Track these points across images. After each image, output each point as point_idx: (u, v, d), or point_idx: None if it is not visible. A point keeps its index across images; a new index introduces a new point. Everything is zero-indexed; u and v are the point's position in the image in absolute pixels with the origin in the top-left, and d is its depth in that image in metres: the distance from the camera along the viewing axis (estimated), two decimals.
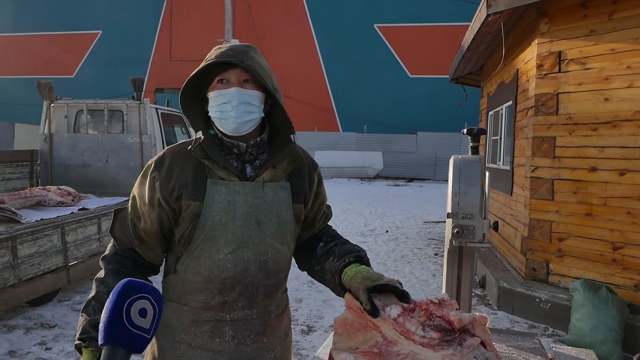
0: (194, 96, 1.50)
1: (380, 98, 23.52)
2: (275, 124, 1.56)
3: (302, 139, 21.40)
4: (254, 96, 1.45)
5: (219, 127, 1.48)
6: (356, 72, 23.88)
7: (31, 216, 4.84)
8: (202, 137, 1.47)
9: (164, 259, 1.58)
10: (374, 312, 1.23)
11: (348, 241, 1.61)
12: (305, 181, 1.59)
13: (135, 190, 1.52)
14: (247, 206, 1.45)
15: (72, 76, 26.67)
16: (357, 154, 21.21)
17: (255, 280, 1.47)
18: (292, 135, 1.54)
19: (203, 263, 1.45)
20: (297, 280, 5.93)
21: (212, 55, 1.44)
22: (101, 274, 1.44)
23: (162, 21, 25.92)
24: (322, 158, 20.78)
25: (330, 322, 4.66)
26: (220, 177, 1.45)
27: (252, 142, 1.49)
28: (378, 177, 20.93)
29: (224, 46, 1.46)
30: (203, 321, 1.47)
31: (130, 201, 1.52)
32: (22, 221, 4.59)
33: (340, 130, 23.93)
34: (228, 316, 1.47)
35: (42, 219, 4.78)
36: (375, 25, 23.81)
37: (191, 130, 8.27)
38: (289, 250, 1.56)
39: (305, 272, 1.66)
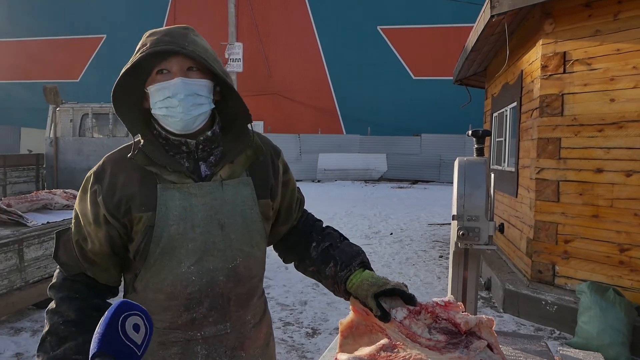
0: (128, 93, 1.31)
1: (384, 100, 23.49)
2: (229, 112, 1.39)
3: (305, 141, 21.40)
4: (202, 85, 1.28)
5: (164, 125, 1.30)
6: (359, 74, 23.87)
7: (37, 220, 4.86)
8: (142, 141, 1.31)
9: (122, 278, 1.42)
10: (385, 317, 1.22)
11: (340, 238, 1.52)
12: (269, 173, 1.43)
13: (77, 207, 1.33)
14: (206, 210, 1.30)
15: (77, 80, 26.79)
16: (360, 156, 21.19)
17: (225, 290, 1.33)
18: (249, 125, 1.38)
19: (164, 279, 1.29)
20: (302, 282, 5.93)
21: (145, 43, 1.24)
22: (52, 305, 1.27)
23: (165, 25, 26.02)
24: (326, 160, 20.77)
25: (335, 324, 4.65)
26: (171, 181, 1.28)
27: (202, 138, 1.32)
28: (382, 179, 20.90)
29: (159, 31, 1.28)
30: (171, 342, 1.32)
31: (73, 220, 1.34)
32: (28, 224, 4.61)
33: (344, 132, 23.92)
34: (199, 334, 1.33)
35: (48, 222, 4.79)
36: (378, 27, 23.81)
37: None
38: (261, 252, 1.42)
39: (300, 271, 1.58)
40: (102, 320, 0.89)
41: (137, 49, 1.25)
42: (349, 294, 1.37)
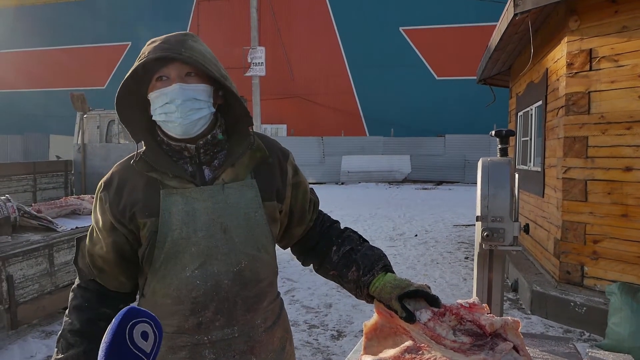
0: (132, 101, 1.34)
1: (407, 101, 23.38)
2: (232, 116, 1.41)
3: (328, 143, 21.41)
4: (200, 90, 1.29)
5: (166, 131, 1.33)
6: (382, 76, 23.80)
7: (66, 225, 4.98)
8: (144, 148, 1.34)
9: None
10: (411, 318, 1.22)
11: (360, 240, 1.51)
12: (275, 175, 1.43)
13: (92, 217, 1.39)
14: (208, 213, 1.30)
15: (104, 87, 27.33)
16: (384, 158, 21.11)
17: (231, 294, 1.32)
18: (250, 127, 1.39)
19: (170, 283, 1.30)
20: (327, 285, 5.93)
21: (145, 51, 1.27)
22: (67, 310, 1.36)
23: (189, 30, 26.35)
24: (349, 162, 20.74)
25: (360, 327, 4.64)
26: (174, 186, 1.30)
27: (201, 142, 1.33)
28: (406, 180, 20.78)
29: (158, 39, 1.30)
30: (179, 347, 1.32)
31: (89, 229, 1.40)
32: (58, 230, 4.72)
33: (367, 134, 23.87)
34: (206, 338, 1.32)
35: (77, 227, 4.90)
36: (400, 28, 23.72)
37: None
38: (269, 255, 1.41)
39: (319, 274, 1.57)
40: (109, 329, 0.86)
41: (137, 58, 1.29)
42: (371, 297, 1.37)
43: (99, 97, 22.64)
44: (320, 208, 1.63)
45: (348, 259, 1.44)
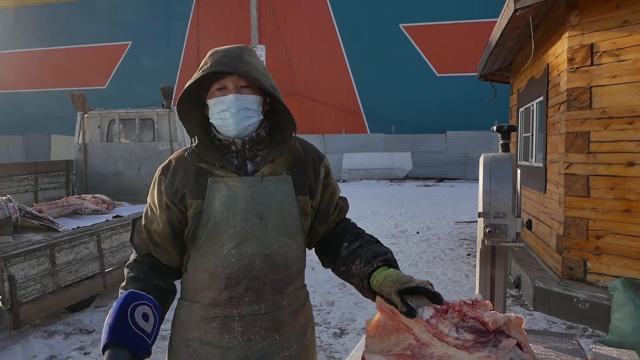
0: (192, 102, 1.55)
1: (408, 98, 23.34)
2: (278, 122, 1.59)
3: (330, 141, 21.39)
4: (252, 101, 1.49)
5: (221, 132, 1.54)
6: (383, 73, 23.77)
7: (68, 224, 4.98)
8: (196, 142, 1.52)
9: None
10: (411, 312, 1.22)
11: (372, 240, 1.58)
12: (309, 173, 1.59)
13: (148, 198, 1.59)
14: (247, 200, 1.48)
15: (104, 87, 27.34)
16: (385, 155, 21.08)
17: (261, 274, 1.48)
18: (293, 133, 1.57)
19: (209, 260, 1.48)
20: (329, 282, 5.93)
21: (207, 62, 1.48)
22: (124, 282, 1.51)
23: (189, 30, 26.34)
24: (351, 160, 20.73)
25: (362, 324, 4.64)
26: (220, 175, 1.49)
27: (247, 139, 1.52)
28: (407, 177, 20.76)
29: (219, 51, 1.50)
30: (212, 317, 1.49)
31: (145, 208, 1.60)
32: (59, 230, 4.72)
33: (368, 131, 23.84)
34: (236, 312, 1.48)
35: (78, 227, 4.90)
36: (400, 25, 23.67)
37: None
38: (298, 244, 1.56)
39: (335, 274, 1.64)
40: (111, 311, 0.91)
41: (200, 67, 1.49)
42: (374, 292, 1.38)
43: (100, 97, 22.67)
44: None
45: (354, 254, 1.52)
